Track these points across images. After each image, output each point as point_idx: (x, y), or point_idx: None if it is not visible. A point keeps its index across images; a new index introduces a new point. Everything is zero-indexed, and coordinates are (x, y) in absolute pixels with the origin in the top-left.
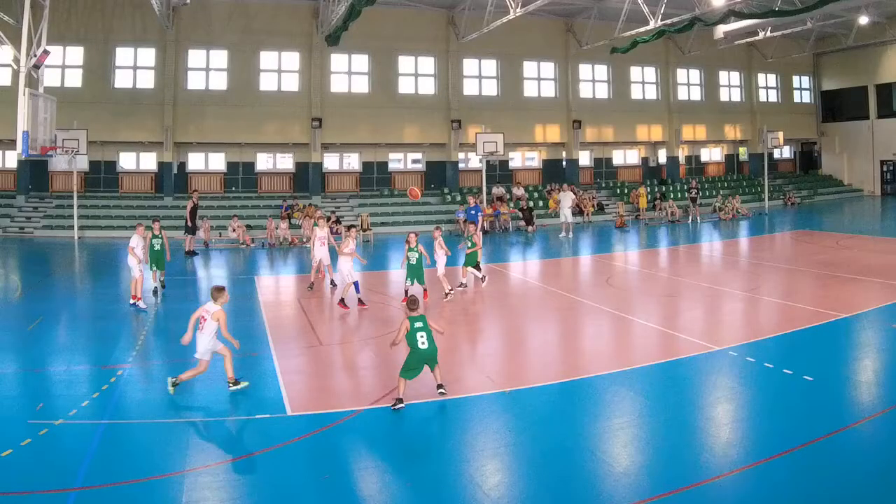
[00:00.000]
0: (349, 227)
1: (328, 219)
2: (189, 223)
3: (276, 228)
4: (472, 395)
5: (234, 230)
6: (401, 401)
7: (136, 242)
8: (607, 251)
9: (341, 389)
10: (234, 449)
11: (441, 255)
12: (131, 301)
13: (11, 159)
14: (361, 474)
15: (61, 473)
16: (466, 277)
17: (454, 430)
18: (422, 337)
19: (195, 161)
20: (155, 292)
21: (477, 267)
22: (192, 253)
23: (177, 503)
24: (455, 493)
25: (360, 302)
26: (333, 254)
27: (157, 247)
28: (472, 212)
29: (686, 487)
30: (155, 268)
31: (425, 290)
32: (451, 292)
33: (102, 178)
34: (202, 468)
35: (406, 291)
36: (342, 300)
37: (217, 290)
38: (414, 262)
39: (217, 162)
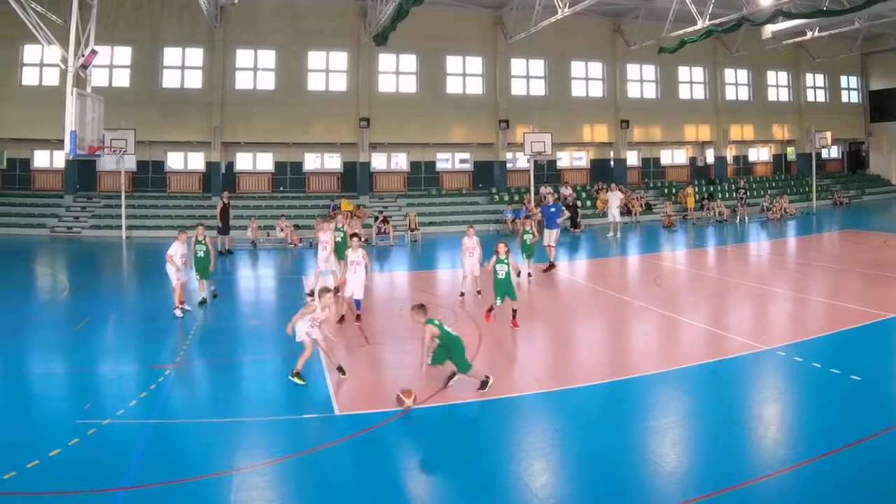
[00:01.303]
0: (352, 236)
1: (376, 218)
2: (221, 224)
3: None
4: (519, 395)
5: (281, 230)
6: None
7: (175, 250)
8: (655, 251)
9: (389, 389)
10: (281, 449)
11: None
12: (175, 307)
13: (59, 159)
14: (408, 474)
15: (109, 473)
16: (529, 267)
17: (502, 429)
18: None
19: (243, 161)
20: (203, 303)
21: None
22: (227, 252)
23: (224, 503)
24: (503, 493)
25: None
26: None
27: (201, 254)
28: (553, 210)
29: (734, 487)
30: (200, 277)
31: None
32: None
33: (150, 177)
34: (250, 468)
35: (491, 310)
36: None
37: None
38: (503, 277)
39: (265, 162)
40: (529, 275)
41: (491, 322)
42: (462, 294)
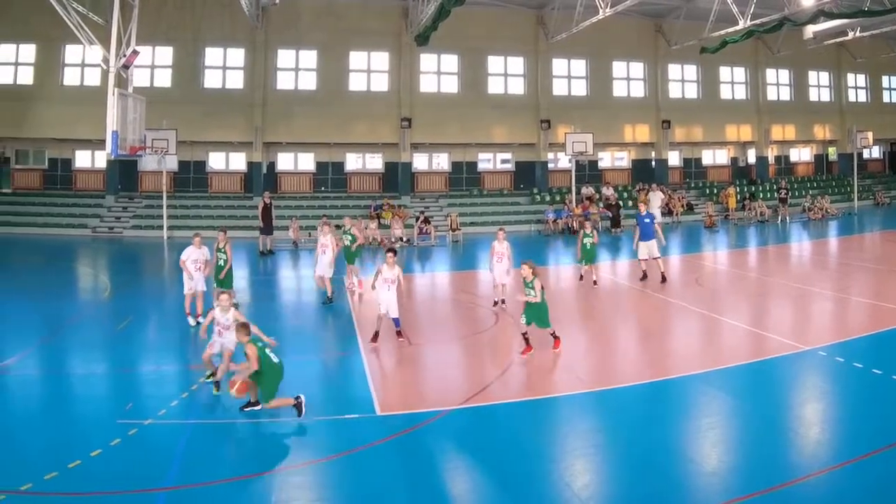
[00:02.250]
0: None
1: (417, 218)
2: (263, 224)
3: (366, 228)
4: (561, 395)
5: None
6: None
7: (189, 255)
8: (696, 251)
9: (430, 389)
10: (323, 449)
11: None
12: (188, 318)
13: (101, 159)
14: (449, 474)
15: (151, 473)
16: (595, 274)
17: (543, 429)
18: None
19: (284, 161)
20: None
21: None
22: (269, 253)
23: (266, 503)
24: (544, 493)
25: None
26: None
27: (221, 262)
28: (647, 220)
29: (775, 487)
30: (218, 286)
31: (555, 337)
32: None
33: (192, 177)
34: (291, 468)
35: (525, 338)
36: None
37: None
38: (535, 302)
39: (306, 162)
40: (595, 282)
41: (528, 355)
42: (496, 303)
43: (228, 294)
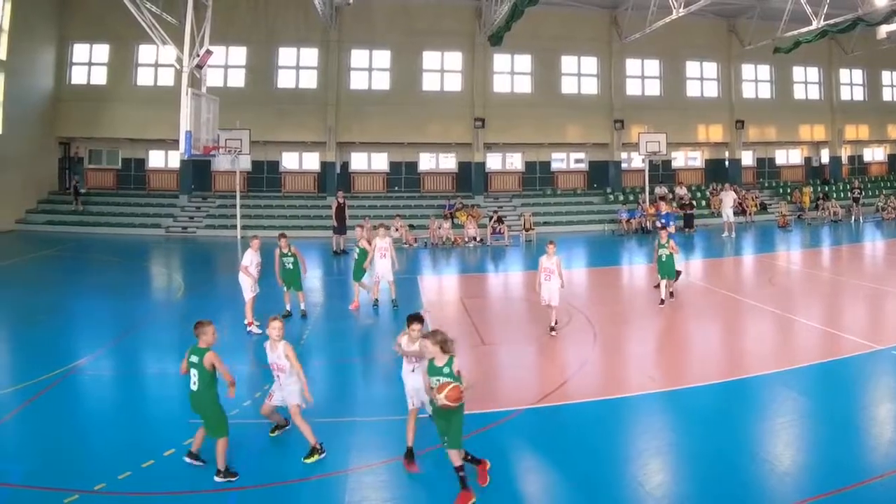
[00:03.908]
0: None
1: (491, 218)
2: (336, 224)
3: (439, 228)
4: (634, 395)
5: (396, 230)
6: None
7: (249, 259)
8: (769, 251)
9: (503, 389)
10: (396, 448)
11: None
12: (247, 327)
13: (174, 159)
14: (522, 474)
15: None
16: (672, 287)
17: (616, 429)
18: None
19: (358, 161)
20: (287, 316)
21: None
22: (342, 252)
23: (340, 503)
24: (618, 493)
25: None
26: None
27: (290, 265)
28: (663, 220)
29: (848, 487)
30: (291, 289)
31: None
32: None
33: (265, 177)
34: (364, 468)
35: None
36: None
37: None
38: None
39: (380, 162)
40: (672, 294)
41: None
42: (552, 328)
43: (280, 321)
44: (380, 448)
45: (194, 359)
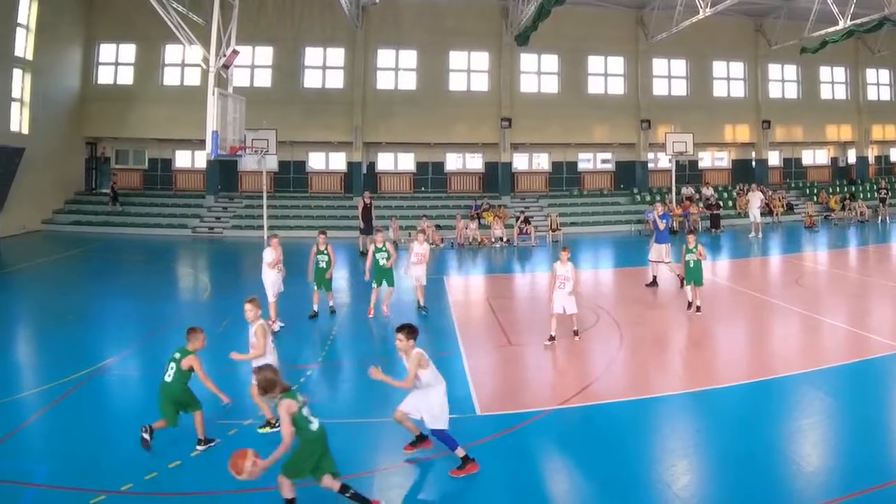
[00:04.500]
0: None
1: (517, 218)
2: (363, 224)
3: (466, 228)
4: (660, 395)
5: (423, 231)
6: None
7: (269, 257)
8: (796, 251)
9: (530, 390)
10: (422, 449)
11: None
12: (274, 325)
13: (201, 159)
14: (550, 474)
15: None
16: (699, 298)
17: (643, 429)
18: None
19: (384, 161)
20: (314, 317)
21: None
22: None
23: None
24: (645, 493)
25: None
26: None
27: (323, 264)
28: (663, 220)
29: (876, 487)
30: (321, 288)
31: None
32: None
33: (292, 178)
34: (392, 468)
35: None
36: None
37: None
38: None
39: (406, 162)
40: (698, 308)
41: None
42: (552, 338)
43: (250, 304)
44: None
45: (177, 356)
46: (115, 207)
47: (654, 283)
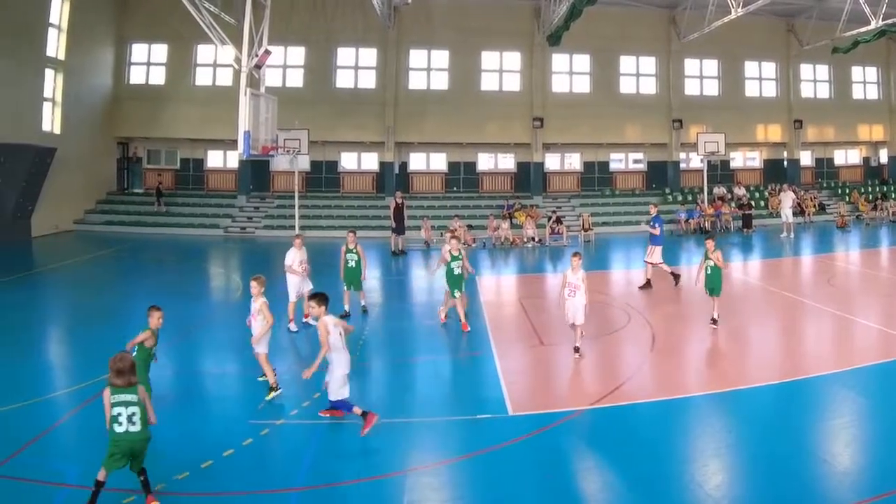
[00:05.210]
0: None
1: (549, 218)
2: (395, 224)
3: (498, 228)
4: (692, 395)
5: (454, 231)
6: None
7: (292, 258)
8: (828, 251)
9: (562, 389)
10: (455, 449)
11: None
12: (291, 325)
13: (233, 159)
14: (581, 474)
15: (283, 473)
16: (717, 309)
17: (675, 429)
18: None
19: (416, 161)
20: (345, 316)
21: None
22: (401, 253)
23: (398, 503)
24: (677, 493)
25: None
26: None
27: (352, 263)
28: (656, 224)
29: None
30: (351, 288)
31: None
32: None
33: (323, 178)
34: (423, 468)
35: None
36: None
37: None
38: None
39: (438, 162)
40: (714, 320)
41: None
42: (577, 349)
43: (256, 282)
44: (439, 449)
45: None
46: (160, 208)
47: (647, 285)
